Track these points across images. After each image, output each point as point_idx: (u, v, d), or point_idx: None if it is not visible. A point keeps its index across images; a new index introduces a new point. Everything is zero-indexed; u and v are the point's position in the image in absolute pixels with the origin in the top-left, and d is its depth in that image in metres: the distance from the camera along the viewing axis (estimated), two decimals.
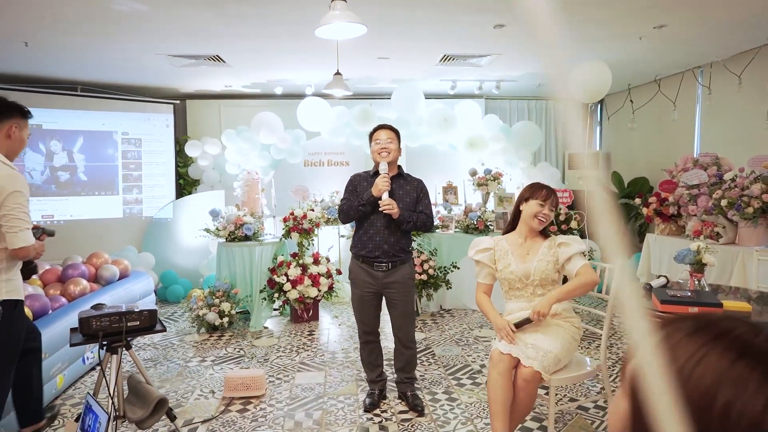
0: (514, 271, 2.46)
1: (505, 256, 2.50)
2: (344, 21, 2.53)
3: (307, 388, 3.39)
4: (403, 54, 5.25)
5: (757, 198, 4.05)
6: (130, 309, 2.39)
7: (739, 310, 2.01)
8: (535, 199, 2.46)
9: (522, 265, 2.46)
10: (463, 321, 4.92)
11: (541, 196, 2.46)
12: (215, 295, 4.64)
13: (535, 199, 2.46)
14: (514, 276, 2.47)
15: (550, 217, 2.45)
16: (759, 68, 4.86)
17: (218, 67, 5.72)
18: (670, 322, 0.56)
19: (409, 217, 2.93)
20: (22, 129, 2.50)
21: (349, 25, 2.61)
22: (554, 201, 2.46)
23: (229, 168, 6.59)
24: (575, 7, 3.85)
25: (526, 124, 6.61)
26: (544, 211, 2.44)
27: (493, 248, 2.54)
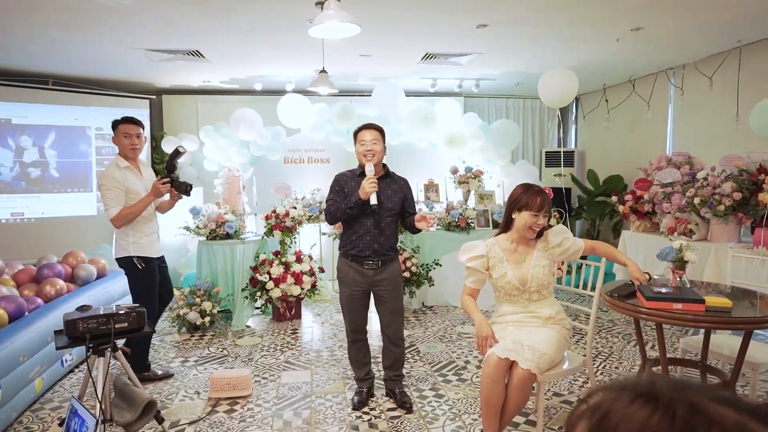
0: (510, 280, 2.45)
1: (500, 263, 2.48)
2: (338, 21, 2.52)
3: (294, 387, 3.38)
4: (385, 52, 5.26)
5: (728, 196, 4.20)
6: (118, 310, 2.34)
7: (721, 306, 2.09)
8: (529, 210, 2.40)
9: (519, 272, 2.45)
10: (446, 318, 4.97)
11: (536, 205, 2.39)
12: (196, 294, 4.58)
13: (528, 210, 2.40)
14: (510, 285, 2.46)
15: (545, 224, 2.45)
16: (729, 71, 5.03)
17: (197, 63, 5.62)
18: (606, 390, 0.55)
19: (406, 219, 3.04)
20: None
21: (343, 25, 2.60)
22: (548, 208, 2.44)
23: (208, 165, 6.48)
24: (556, 8, 3.91)
25: (505, 122, 6.69)
26: (538, 222, 2.41)
27: (486, 255, 2.51)
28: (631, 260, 2.49)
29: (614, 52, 5.22)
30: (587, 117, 7.59)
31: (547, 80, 4.87)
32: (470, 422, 2.88)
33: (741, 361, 2.31)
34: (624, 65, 5.85)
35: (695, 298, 2.13)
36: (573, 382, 3.40)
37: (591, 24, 4.31)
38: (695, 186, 4.50)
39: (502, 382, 2.21)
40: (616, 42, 4.85)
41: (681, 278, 2.47)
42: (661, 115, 6.13)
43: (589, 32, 4.55)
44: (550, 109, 8.30)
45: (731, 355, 2.62)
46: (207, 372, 3.65)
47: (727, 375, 2.47)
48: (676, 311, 2.12)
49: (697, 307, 2.11)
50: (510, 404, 2.21)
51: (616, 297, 2.36)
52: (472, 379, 3.47)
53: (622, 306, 2.30)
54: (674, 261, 2.50)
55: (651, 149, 6.24)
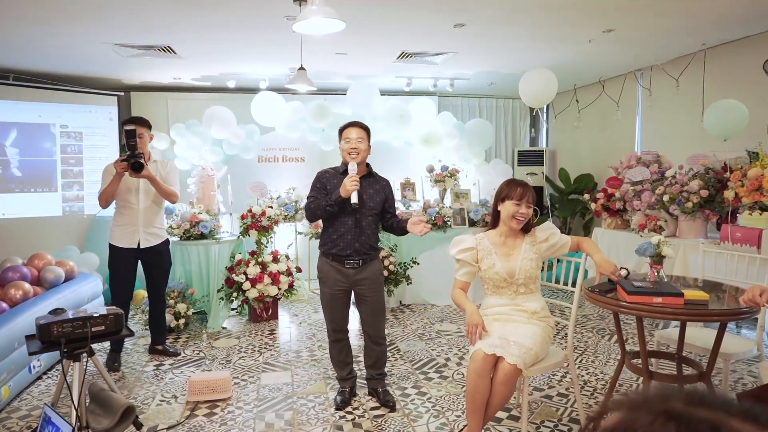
0: (498, 272, 2.49)
1: (489, 255, 2.52)
2: (322, 16, 2.49)
3: (275, 389, 3.33)
4: (362, 50, 5.24)
5: (696, 193, 4.34)
6: (94, 313, 2.26)
7: (698, 299, 2.16)
8: (511, 198, 2.48)
9: (507, 264, 2.49)
10: (424, 316, 4.99)
11: (516, 194, 2.46)
12: (170, 296, 4.46)
13: (510, 199, 2.48)
14: (498, 276, 2.50)
15: (529, 214, 2.49)
16: (695, 72, 5.21)
17: (168, 59, 5.49)
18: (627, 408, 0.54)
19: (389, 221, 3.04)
20: None
21: (327, 21, 2.57)
22: (530, 197, 2.50)
23: (179, 163, 6.33)
24: (533, 8, 3.97)
25: (479, 121, 6.75)
26: (521, 210, 2.46)
27: (475, 248, 2.55)
28: (599, 256, 2.51)
29: (586, 53, 5.33)
30: (558, 117, 7.74)
31: (527, 80, 4.94)
32: (453, 419, 2.89)
33: (716, 353, 2.39)
34: (594, 66, 5.99)
35: (674, 292, 2.19)
36: (552, 376, 3.45)
37: (565, 25, 4.39)
38: (664, 184, 4.64)
39: (488, 378, 2.23)
40: (588, 43, 4.96)
41: (659, 273, 2.54)
42: (629, 115, 6.30)
43: (563, 33, 4.64)
44: (522, 109, 8.43)
45: (703, 347, 2.71)
46: (184, 375, 3.57)
47: (701, 366, 2.55)
48: (656, 305, 2.18)
49: (676, 301, 2.17)
50: (495, 399, 2.23)
51: (597, 292, 2.40)
52: (453, 376, 3.49)
53: (604, 300, 2.35)
54: (652, 256, 2.56)
55: (620, 148, 6.40)
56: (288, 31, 4.45)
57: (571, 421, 2.85)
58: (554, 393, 3.19)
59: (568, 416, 2.91)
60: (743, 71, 4.77)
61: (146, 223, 3.70)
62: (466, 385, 2.30)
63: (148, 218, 3.71)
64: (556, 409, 2.99)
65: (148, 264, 3.78)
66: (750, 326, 4.31)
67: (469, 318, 2.36)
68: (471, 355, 2.30)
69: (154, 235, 3.74)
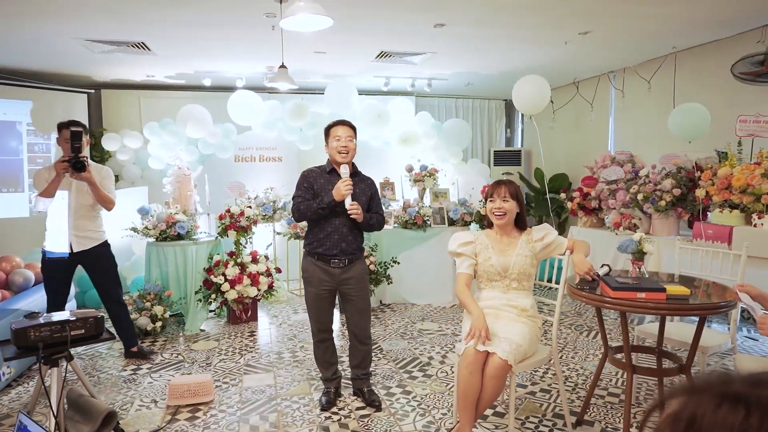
0: (494, 264, 2.55)
1: (486, 249, 2.59)
2: (310, 13, 2.46)
3: (258, 391, 3.28)
4: (341, 49, 5.22)
5: (669, 192, 4.46)
6: (73, 316, 2.18)
7: (680, 294, 2.22)
8: (489, 197, 2.61)
9: (502, 259, 2.56)
10: (405, 315, 4.99)
11: (490, 192, 2.59)
12: (146, 299, 4.36)
13: (488, 198, 2.62)
14: (493, 269, 2.55)
15: (506, 208, 2.53)
16: (666, 74, 5.36)
17: (142, 56, 5.36)
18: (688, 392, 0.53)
19: (369, 219, 2.94)
20: None
21: (315, 17, 2.54)
22: (503, 192, 2.53)
23: (153, 163, 6.20)
24: (513, 10, 4.02)
25: (456, 121, 6.81)
26: (495, 206, 2.55)
27: (474, 242, 2.61)
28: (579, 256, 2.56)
29: (562, 54, 5.43)
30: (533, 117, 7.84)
31: (521, 88, 4.99)
32: (440, 417, 2.90)
33: (696, 345, 2.45)
34: (569, 68, 6.10)
35: (657, 288, 2.25)
36: (534, 373, 3.50)
37: (544, 26, 4.46)
38: (638, 183, 4.76)
39: (479, 373, 2.24)
40: (564, 45, 5.05)
41: (640, 269, 2.60)
42: (603, 116, 6.44)
43: (541, 34, 4.71)
44: (498, 110, 8.54)
45: (680, 340, 2.79)
46: (163, 379, 3.48)
47: (681, 359, 2.62)
48: (640, 300, 2.23)
49: (659, 296, 2.23)
50: (486, 394, 2.24)
51: (582, 288, 2.44)
52: (437, 375, 3.51)
53: (588, 297, 2.39)
54: (634, 253, 2.62)
55: (594, 148, 6.54)
56: (267, 29, 4.41)
57: (555, 416, 2.89)
58: (537, 389, 3.23)
59: (551, 411, 2.95)
60: (712, 74, 4.93)
61: (77, 226, 3.60)
62: (457, 382, 2.30)
63: (80, 221, 3.61)
64: (539, 405, 3.03)
65: (89, 268, 3.69)
66: (720, 320, 4.46)
67: (476, 321, 2.35)
68: (462, 351, 2.31)
69: (88, 239, 3.64)
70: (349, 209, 2.82)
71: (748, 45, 4.54)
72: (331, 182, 2.91)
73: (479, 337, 2.26)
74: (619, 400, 3.08)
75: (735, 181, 3.94)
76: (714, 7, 4.02)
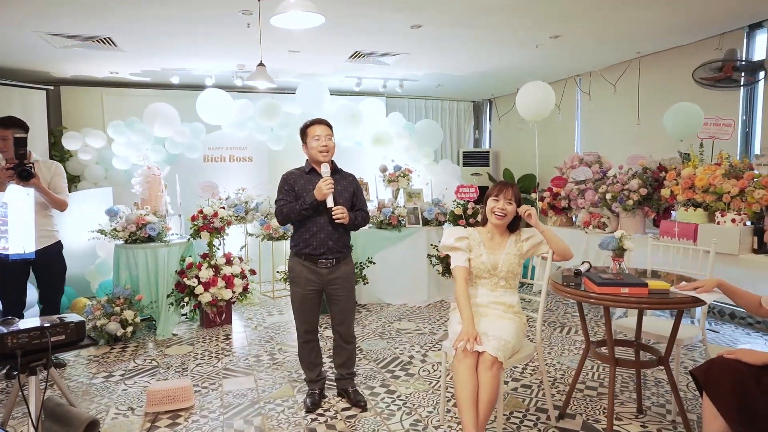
0: (484, 262, 2.59)
1: (478, 246, 2.62)
2: (301, 10, 2.43)
3: (239, 395, 3.22)
4: (315, 48, 5.17)
5: (636, 192, 4.63)
6: (51, 321, 2.08)
7: (661, 288, 2.31)
8: (491, 196, 2.62)
9: (492, 257, 2.60)
10: (381, 315, 5.00)
11: (494, 192, 2.61)
12: (115, 303, 4.20)
13: (491, 196, 2.63)
14: (483, 266, 2.58)
15: (508, 210, 2.57)
16: (630, 78, 5.56)
17: (106, 51, 5.17)
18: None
19: (355, 219, 2.93)
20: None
21: (306, 15, 2.51)
22: (509, 194, 2.58)
23: (117, 163, 5.99)
24: (489, 12, 4.08)
25: (428, 122, 6.87)
26: (498, 206, 2.58)
27: (468, 237, 2.64)
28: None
29: (532, 57, 5.56)
30: (502, 119, 8.01)
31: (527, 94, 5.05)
32: (426, 415, 2.92)
33: (674, 337, 2.56)
34: (537, 70, 6.25)
35: (639, 283, 2.33)
36: (514, 369, 3.56)
37: (518, 29, 4.55)
38: (606, 183, 4.92)
39: (473, 373, 2.26)
40: (535, 48, 5.17)
41: (620, 265, 2.69)
42: (569, 118, 6.63)
43: (514, 37, 4.81)
44: (467, 111, 8.66)
45: (654, 333, 2.90)
46: (137, 386, 3.36)
47: (658, 351, 2.72)
48: (624, 295, 2.30)
49: (641, 291, 2.31)
50: (482, 394, 2.22)
51: (566, 284, 2.51)
52: (419, 373, 3.52)
53: (571, 292, 2.46)
54: (614, 250, 2.71)
55: (561, 149, 6.73)
56: (241, 26, 4.34)
57: (538, 411, 2.95)
58: (518, 385, 3.29)
59: (534, 406, 3.01)
60: (674, 79, 5.15)
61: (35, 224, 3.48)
62: (454, 384, 2.29)
63: (37, 219, 3.42)
64: (522, 400, 3.09)
65: (40, 267, 3.59)
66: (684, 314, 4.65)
67: (467, 329, 2.35)
68: (454, 355, 2.33)
69: (45, 237, 3.51)
70: (334, 215, 2.80)
71: (707, 52, 4.76)
72: (311, 182, 2.89)
73: (466, 343, 2.29)
74: (597, 393, 3.18)
75: (698, 181, 4.11)
76: (676, 14, 4.20)
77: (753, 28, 4.55)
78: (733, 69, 4.49)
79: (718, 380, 1.99)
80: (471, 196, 5.45)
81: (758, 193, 3.69)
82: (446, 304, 5.35)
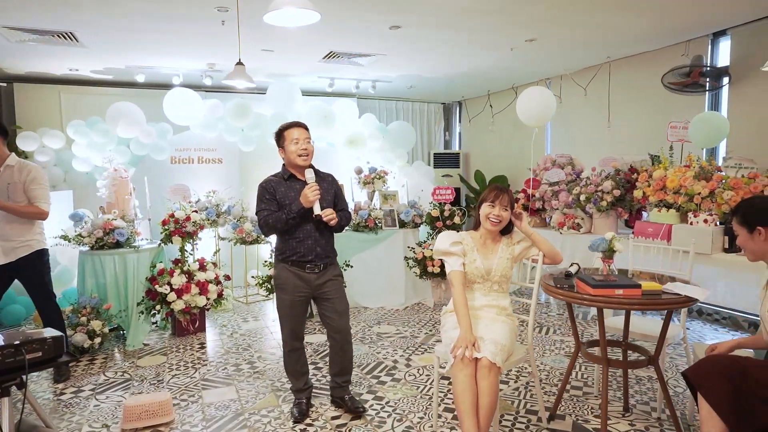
0: (478, 267, 2.56)
1: (471, 251, 2.59)
2: (296, 7, 2.34)
3: (222, 407, 3.09)
4: (289, 47, 5.06)
5: (609, 193, 4.74)
6: (29, 337, 1.93)
7: (653, 289, 2.35)
8: (486, 201, 2.58)
9: (486, 262, 2.57)
10: (360, 319, 4.93)
11: (490, 197, 2.57)
12: (81, 313, 3.98)
13: (486, 202, 2.58)
14: (477, 272, 2.56)
15: (503, 216, 2.55)
16: (601, 82, 5.70)
17: (68, 47, 4.90)
18: None
19: (340, 220, 2.86)
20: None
21: (301, 11, 2.42)
22: (505, 200, 2.55)
23: (78, 164, 5.69)
24: (468, 14, 4.08)
25: (401, 123, 6.84)
26: (494, 212, 2.54)
27: (461, 242, 2.60)
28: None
29: (505, 60, 5.61)
30: (472, 121, 8.07)
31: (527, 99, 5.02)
32: (418, 421, 2.87)
33: (664, 337, 2.61)
34: (509, 73, 6.32)
35: (633, 284, 2.36)
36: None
37: (495, 31, 4.57)
38: (580, 185, 5.01)
39: (473, 379, 2.23)
40: (510, 51, 5.22)
41: (610, 267, 2.73)
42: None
43: (491, 39, 4.83)
44: (437, 113, 8.69)
45: (640, 332, 2.95)
46: (111, 401, 3.18)
47: (646, 351, 2.77)
48: (618, 296, 2.32)
49: (635, 292, 2.34)
50: (482, 400, 2.20)
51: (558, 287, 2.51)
52: (405, 378, 3.48)
53: (564, 294, 2.46)
54: (604, 251, 2.74)
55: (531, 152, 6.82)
56: (215, 23, 4.19)
57: (528, 412, 2.96)
58: (506, 387, 3.29)
59: (524, 408, 3.02)
60: (644, 83, 5.29)
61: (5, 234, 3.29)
62: (453, 391, 2.26)
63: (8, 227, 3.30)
64: (511, 402, 3.09)
65: (22, 278, 3.42)
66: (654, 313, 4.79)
67: (465, 335, 2.33)
68: (451, 363, 2.28)
69: (21, 248, 3.33)
70: (324, 217, 2.72)
71: (673, 57, 4.92)
72: (293, 189, 2.80)
73: (464, 350, 2.26)
74: (583, 393, 3.21)
75: (669, 183, 4.24)
76: (645, 21, 4.32)
77: (717, 35, 4.73)
78: (699, 74, 4.65)
79: (709, 379, 2.03)
80: (447, 198, 5.45)
81: (727, 194, 3.83)
82: (424, 307, 5.33)
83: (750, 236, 2.10)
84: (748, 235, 2.10)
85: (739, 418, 1.94)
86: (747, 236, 2.11)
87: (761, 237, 2.06)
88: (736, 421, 1.94)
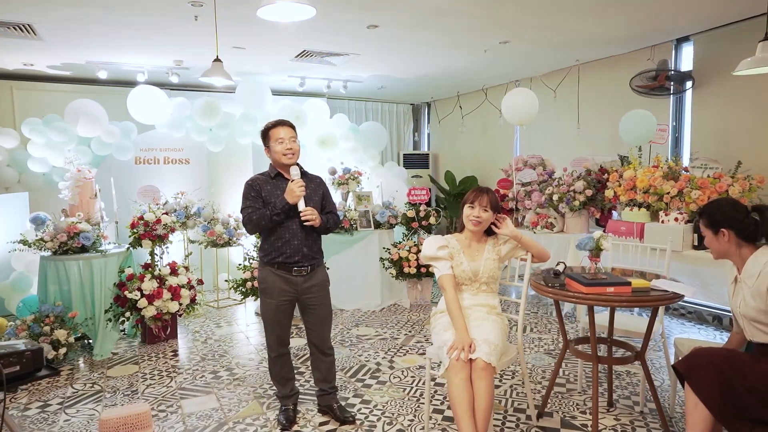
0: (465, 270, 2.55)
1: (458, 254, 2.58)
2: (291, 1, 2.26)
3: (204, 416, 2.97)
4: (262, 45, 4.94)
5: (582, 193, 4.85)
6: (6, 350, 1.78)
7: (643, 287, 2.40)
8: (467, 203, 2.58)
9: (473, 264, 2.56)
10: (338, 321, 4.86)
11: (470, 198, 2.57)
12: (44, 322, 3.75)
13: (466, 203, 2.59)
14: (465, 274, 2.55)
15: (484, 217, 2.54)
16: (570, 85, 5.83)
17: (23, 40, 4.62)
18: None
19: (327, 222, 2.81)
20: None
21: (296, 6, 2.34)
22: (484, 201, 2.53)
23: (34, 165, 5.37)
24: (445, 15, 4.08)
25: (373, 124, 6.80)
26: (473, 213, 2.54)
27: (447, 245, 2.59)
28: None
29: (477, 61, 5.65)
30: (442, 122, 8.12)
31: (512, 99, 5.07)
32: (408, 423, 2.84)
33: (650, 333, 2.67)
34: (480, 75, 6.38)
35: (623, 282, 2.40)
36: None
37: (470, 33, 4.60)
38: (553, 185, 5.11)
39: (468, 381, 2.22)
40: (483, 53, 5.27)
41: (597, 265, 2.77)
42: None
43: (465, 41, 4.85)
44: (406, 114, 8.70)
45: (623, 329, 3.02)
46: (82, 414, 3.00)
47: (631, 346, 2.83)
48: (610, 294, 2.37)
49: (625, 289, 2.39)
50: (478, 402, 2.18)
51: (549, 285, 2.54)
52: (390, 380, 3.44)
53: (555, 292, 2.49)
54: (591, 250, 2.79)
55: (501, 152, 6.92)
56: (185, 18, 4.05)
57: (516, 411, 2.97)
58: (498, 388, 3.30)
59: (512, 407, 3.03)
60: (612, 86, 5.44)
61: None
62: (449, 394, 2.23)
63: None
64: (498, 401, 3.10)
65: None
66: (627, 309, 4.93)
67: (461, 336, 2.32)
68: (447, 365, 2.26)
69: None
70: (303, 215, 2.66)
71: (639, 61, 5.09)
72: (279, 187, 2.74)
73: (461, 352, 2.24)
74: (567, 390, 3.26)
75: (639, 183, 4.37)
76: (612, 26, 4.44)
77: (680, 41, 4.92)
78: (665, 78, 4.82)
79: (698, 370, 2.09)
80: (423, 198, 5.45)
81: (695, 193, 3.98)
82: (400, 308, 5.31)
83: (715, 237, 2.22)
84: (714, 236, 2.23)
85: (727, 408, 2.01)
86: (712, 237, 2.23)
87: (725, 238, 2.18)
88: (724, 411, 2.01)
